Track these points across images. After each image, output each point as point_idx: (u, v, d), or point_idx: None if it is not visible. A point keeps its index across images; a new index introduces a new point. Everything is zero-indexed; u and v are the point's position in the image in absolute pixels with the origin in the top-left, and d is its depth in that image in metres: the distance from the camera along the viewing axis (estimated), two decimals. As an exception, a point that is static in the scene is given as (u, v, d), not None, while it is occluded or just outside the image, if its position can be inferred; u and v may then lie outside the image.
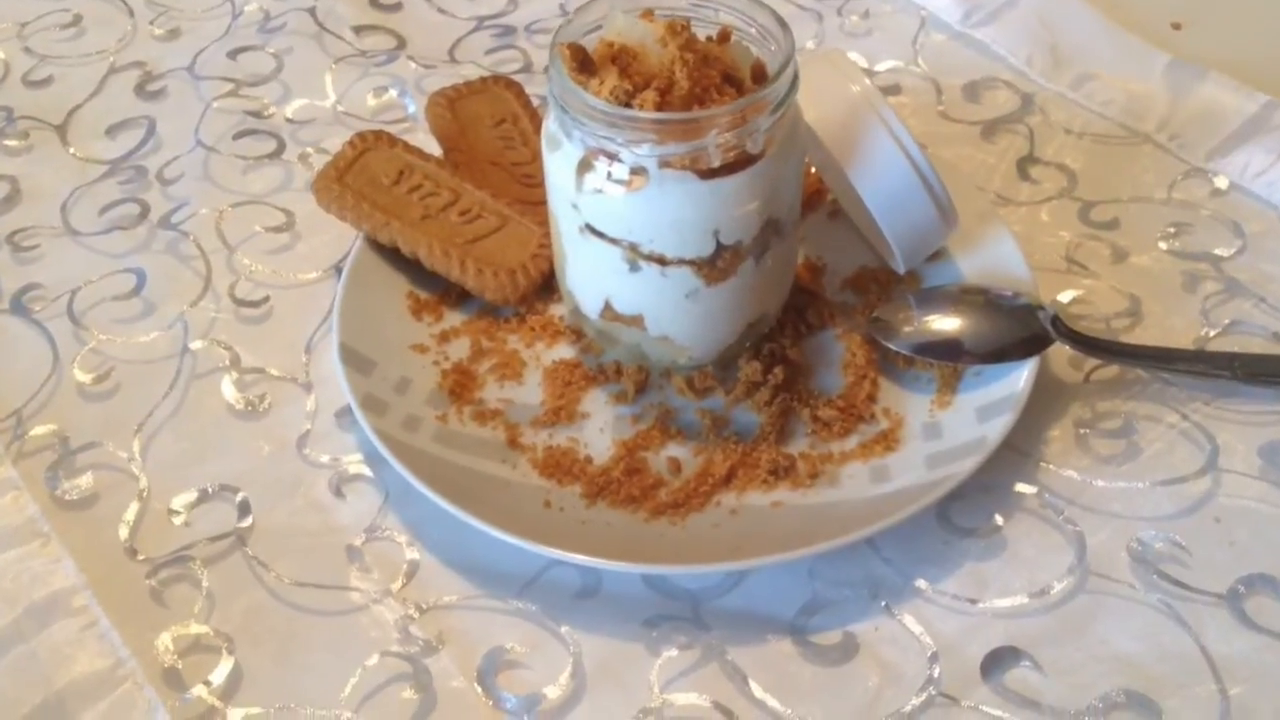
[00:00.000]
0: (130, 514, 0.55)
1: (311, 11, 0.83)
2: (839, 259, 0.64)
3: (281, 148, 0.73)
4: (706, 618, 0.51)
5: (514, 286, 0.61)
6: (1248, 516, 0.53)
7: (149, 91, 0.78)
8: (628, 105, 0.51)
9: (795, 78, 0.52)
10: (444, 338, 0.61)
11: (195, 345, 0.62)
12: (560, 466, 0.55)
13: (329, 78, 0.78)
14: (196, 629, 0.51)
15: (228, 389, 0.60)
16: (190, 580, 0.53)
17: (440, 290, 0.63)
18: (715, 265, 0.54)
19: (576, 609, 0.51)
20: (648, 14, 0.54)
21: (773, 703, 0.48)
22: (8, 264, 0.67)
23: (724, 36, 0.55)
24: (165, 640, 0.50)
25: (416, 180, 0.65)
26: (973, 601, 0.51)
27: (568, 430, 0.57)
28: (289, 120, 0.75)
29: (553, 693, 0.48)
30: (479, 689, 0.49)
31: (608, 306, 0.57)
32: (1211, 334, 0.61)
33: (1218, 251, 0.65)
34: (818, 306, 0.61)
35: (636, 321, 0.56)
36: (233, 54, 0.80)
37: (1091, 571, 0.52)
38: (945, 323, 0.58)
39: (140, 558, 0.53)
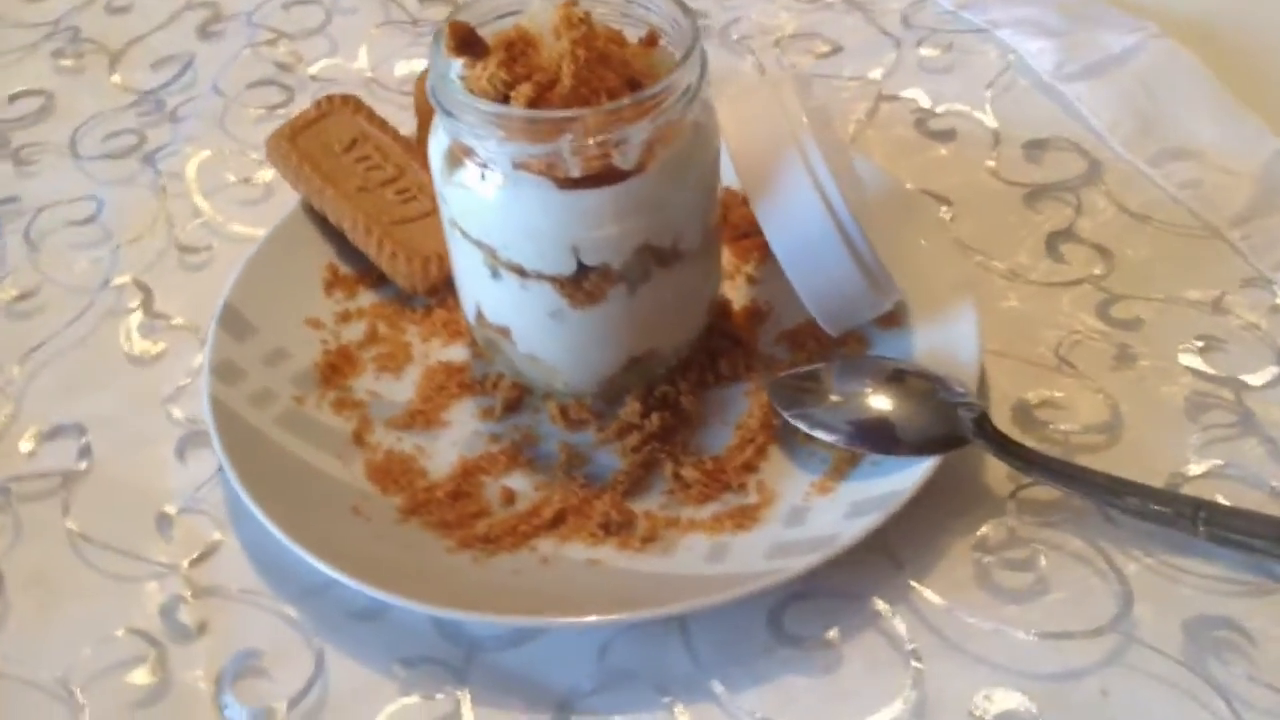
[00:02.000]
0: (-15, 435, 0.55)
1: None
2: (788, 308, 0.57)
3: (288, 101, 0.72)
4: (474, 672, 0.46)
5: (424, 275, 0.58)
6: (1141, 698, 0.43)
7: (208, 32, 0.79)
8: (505, 98, 0.46)
9: (689, 92, 0.46)
10: (344, 317, 0.58)
11: (117, 281, 0.62)
12: (390, 474, 0.51)
13: (367, 43, 0.76)
14: (-24, 561, 0.50)
15: (129, 331, 0.59)
16: (3, 513, 0.52)
17: (363, 269, 0.60)
18: (580, 286, 0.48)
19: (346, 629, 0.47)
20: (570, 2, 0.49)
21: (495, 783, 0.42)
22: (6, 175, 0.69)
23: (651, 40, 0.49)
24: (-54, 565, 0.50)
25: (366, 150, 0.62)
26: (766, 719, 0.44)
27: (419, 437, 0.53)
28: (312, 78, 0.74)
29: (281, 715, 0.44)
30: (212, 689, 0.45)
31: (479, 313, 0.52)
32: (1193, 472, 0.50)
33: (1245, 378, 0.54)
34: (736, 355, 0.55)
35: (505, 334, 0.52)
36: (288, 5, 0.80)
37: (916, 724, 0.43)
38: (856, 401, 0.51)
39: (-28, 479, 0.53)
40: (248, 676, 0.46)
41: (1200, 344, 0.55)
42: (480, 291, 0.51)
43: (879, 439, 0.49)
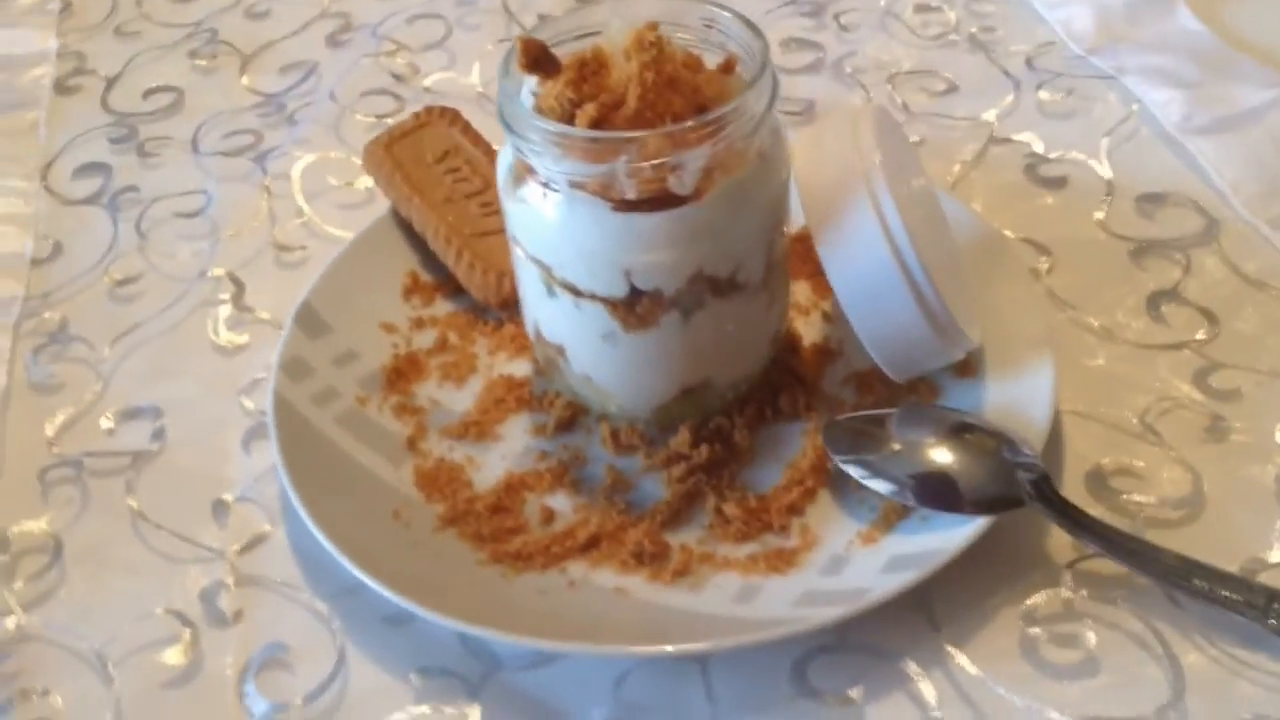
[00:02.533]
0: (71, 410, 0.57)
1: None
2: (859, 350, 0.54)
3: (399, 111, 0.74)
4: (489, 689, 0.45)
5: (497, 289, 0.58)
6: (1181, 799, 0.40)
7: (336, 41, 0.81)
8: (571, 117, 0.46)
9: (752, 120, 0.45)
10: (419, 323, 0.59)
11: (214, 272, 0.64)
12: (437, 482, 0.51)
13: (482, 59, 0.78)
14: (42, 528, 0.52)
15: (217, 322, 0.61)
16: (73, 484, 0.54)
17: (442, 278, 0.61)
18: (633, 310, 0.48)
19: (373, 632, 0.47)
20: (650, 27, 0.48)
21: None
22: (131, 165, 0.72)
23: (728, 66, 0.49)
24: (14, 529, 0.52)
25: (457, 163, 0.63)
26: (774, 775, 0.42)
27: (471, 448, 0.53)
28: (426, 89, 0.76)
29: (295, 710, 0.45)
30: (237, 677, 0.46)
31: (538, 330, 0.52)
32: (1274, 559, 0.47)
33: (1348, 464, 0.50)
34: (797, 393, 0.53)
35: (561, 353, 0.51)
36: (413, 19, 0.82)
37: (933, 793, 0.41)
38: (915, 451, 0.49)
39: (54, 449, 0.55)
40: (273, 668, 0.47)
41: (1306, 437, 0.51)
42: (538, 309, 0.51)
43: (931, 493, 0.47)
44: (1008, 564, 0.47)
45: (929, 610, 0.46)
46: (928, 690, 0.44)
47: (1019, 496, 0.46)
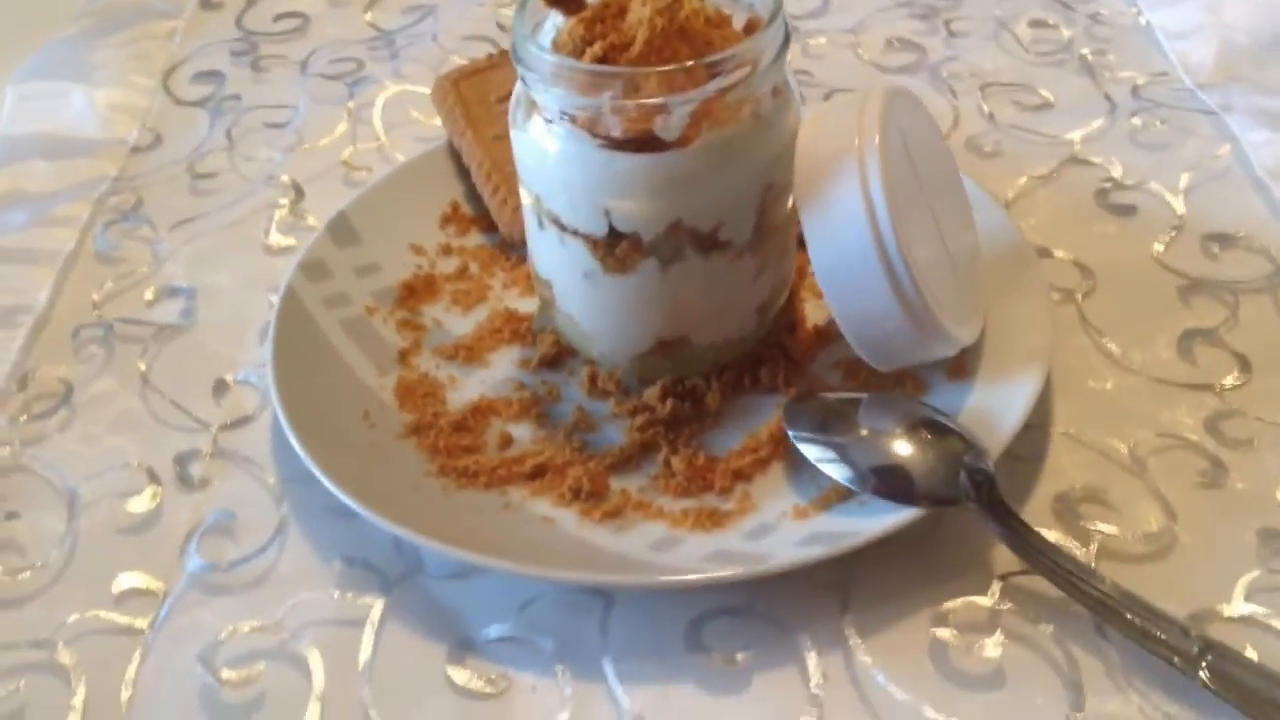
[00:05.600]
0: (122, 280, 0.61)
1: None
2: (860, 337, 0.54)
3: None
4: (402, 588, 0.47)
5: (522, 226, 0.59)
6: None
7: (466, -12, 0.85)
8: (581, 56, 0.47)
9: (746, 74, 0.45)
10: (446, 250, 0.61)
11: (283, 179, 0.67)
12: (414, 395, 0.53)
13: (589, 18, 0.79)
14: (60, 374, 0.56)
15: (270, 224, 0.65)
16: (100, 345, 0.58)
17: (480, 212, 0.62)
18: (612, 251, 0.48)
19: (318, 519, 0.49)
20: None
21: (367, 693, 0.43)
22: (243, 77, 0.77)
23: (751, 26, 0.49)
24: (36, 373, 0.56)
25: (516, 105, 0.64)
26: (639, 717, 0.42)
27: (456, 369, 0.55)
28: (527, 41, 0.78)
29: (221, 571, 0.47)
30: (184, 535, 0.49)
31: (533, 263, 0.53)
32: (1228, 613, 0.44)
33: (1344, 533, 0.46)
34: (778, 368, 0.53)
35: (549, 288, 0.52)
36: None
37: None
38: (871, 440, 0.47)
39: (95, 312, 0.60)
40: (216, 534, 0.49)
41: (1308, 485, 0.48)
42: (532, 241, 0.52)
43: (876, 479, 0.46)
44: (939, 565, 0.46)
45: (843, 593, 0.45)
46: (814, 667, 0.43)
47: (953, 496, 0.44)
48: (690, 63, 0.44)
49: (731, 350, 0.52)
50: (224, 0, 0.85)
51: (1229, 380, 0.53)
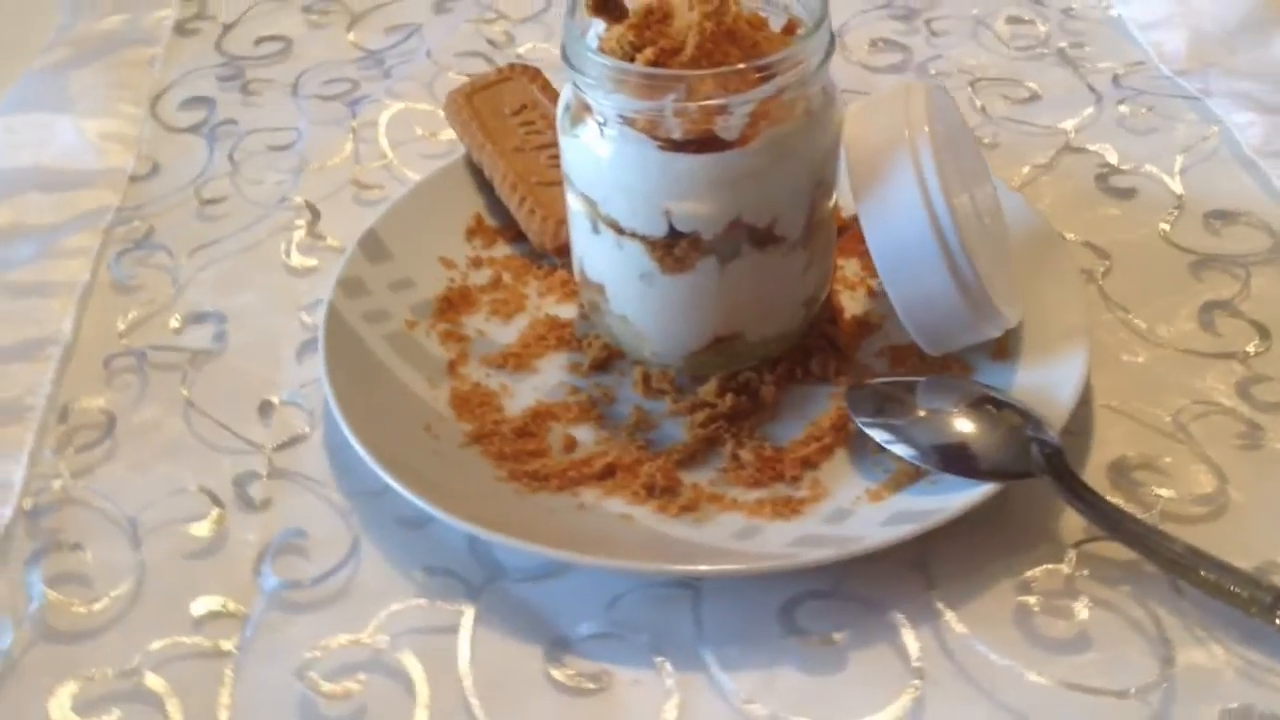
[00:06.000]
0: (144, 307, 0.60)
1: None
2: (899, 326, 0.55)
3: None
4: (488, 593, 0.47)
5: (554, 235, 0.60)
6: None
7: (443, 7, 0.85)
8: (631, 61, 0.48)
9: (801, 71, 0.46)
10: (476, 262, 0.61)
11: (296, 200, 0.67)
12: (470, 404, 0.53)
13: (578, 30, 0.80)
14: (100, 404, 0.55)
15: (290, 245, 0.64)
16: (135, 373, 0.57)
17: (505, 223, 0.63)
18: (671, 251, 0.49)
19: (388, 531, 0.49)
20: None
21: (472, 696, 0.43)
22: (233, 101, 0.76)
23: (790, 28, 0.50)
24: (75, 405, 0.55)
25: (532, 117, 0.65)
26: (748, 701, 0.43)
27: (507, 377, 0.55)
28: (518, 56, 0.79)
29: (302, 590, 0.47)
30: (255, 556, 0.49)
31: (582, 270, 0.54)
32: (1291, 563, 0.46)
33: (1383, 482, 0.49)
34: (828, 358, 0.54)
35: (601, 292, 0.53)
36: (520, -13, 0.85)
37: (906, 745, 0.41)
38: (937, 420, 0.49)
39: (122, 340, 0.59)
40: (289, 553, 0.49)
41: (1342, 439, 0.51)
42: (583, 246, 0.53)
43: (945, 458, 0.47)
44: (1013, 536, 0.47)
45: (926, 569, 0.46)
46: (911, 642, 0.44)
47: (1028, 468, 0.46)
48: (753, 63, 0.46)
49: (781, 344, 0.54)
50: (199, 26, 0.85)
51: (1251, 348, 0.55)
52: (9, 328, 0.59)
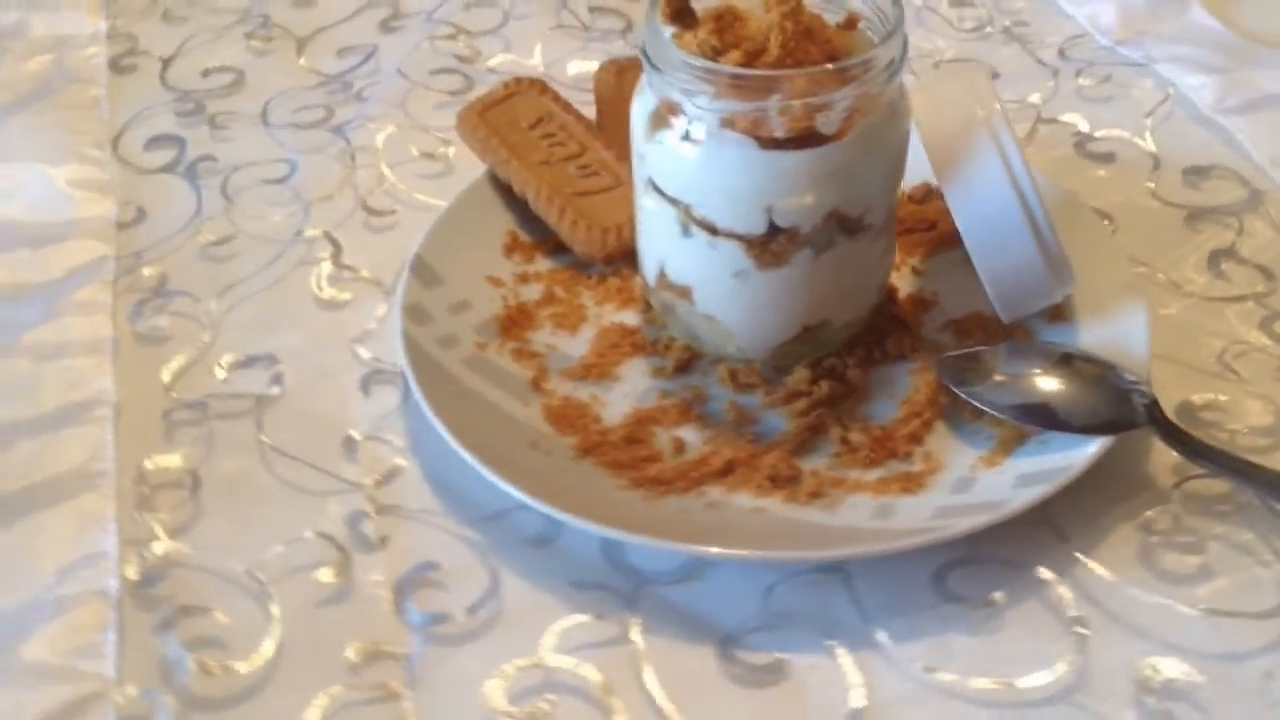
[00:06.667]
0: (182, 358, 0.58)
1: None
2: (954, 299, 0.58)
3: (469, 89, 0.76)
4: (643, 601, 0.47)
5: (602, 244, 0.60)
6: (1311, 682, 0.44)
7: (390, 27, 0.83)
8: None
9: (891, 66, 0.48)
10: (523, 278, 0.61)
11: (309, 233, 0.65)
12: (566, 417, 0.53)
13: (542, 42, 0.80)
14: (176, 463, 0.53)
15: (320, 279, 0.63)
16: (199, 425, 0.55)
17: (541, 237, 0.63)
18: (768, 248, 0.51)
19: (519, 553, 0.49)
20: (775, -18, 0.51)
21: (662, 700, 0.44)
22: (202, 137, 0.73)
23: (850, 23, 0.52)
24: (148, 464, 0.53)
25: (551, 128, 0.65)
26: (929, 670, 0.44)
27: (594, 387, 0.55)
28: (490, 70, 0.78)
29: (456, 622, 0.47)
30: (392, 594, 0.48)
31: (662, 273, 0.55)
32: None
33: None
34: (902, 336, 0.56)
35: (686, 294, 0.54)
36: (468, 5, 0.84)
37: (1078, 687, 0.44)
38: (1027, 382, 0.52)
39: (172, 395, 0.56)
40: (425, 586, 0.48)
41: (1369, 364, 0.56)
42: (668, 250, 0.53)
43: (1050, 418, 0.50)
44: (1119, 484, 0.50)
45: (1054, 524, 0.49)
46: (1063, 594, 0.46)
47: (1134, 419, 0.49)
48: (851, 60, 0.47)
49: (858, 327, 0.56)
50: (135, 61, 0.81)
51: (1260, 288, 0.60)
52: (48, 393, 0.56)
